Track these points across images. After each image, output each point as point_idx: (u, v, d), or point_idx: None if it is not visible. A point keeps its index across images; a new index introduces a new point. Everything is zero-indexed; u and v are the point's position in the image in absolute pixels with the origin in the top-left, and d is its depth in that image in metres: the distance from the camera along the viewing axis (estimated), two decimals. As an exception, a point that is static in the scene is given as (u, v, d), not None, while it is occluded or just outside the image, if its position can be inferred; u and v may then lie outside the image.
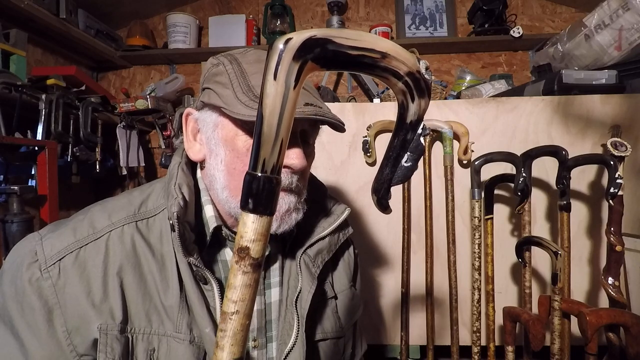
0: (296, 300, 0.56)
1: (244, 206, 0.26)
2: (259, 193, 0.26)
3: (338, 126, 0.52)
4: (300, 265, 0.58)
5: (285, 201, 0.51)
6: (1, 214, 1.14)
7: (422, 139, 0.29)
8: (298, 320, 0.55)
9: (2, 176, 1.24)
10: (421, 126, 0.31)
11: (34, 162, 1.25)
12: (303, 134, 0.53)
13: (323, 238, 0.61)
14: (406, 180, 0.33)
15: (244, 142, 0.50)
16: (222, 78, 0.50)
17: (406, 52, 0.27)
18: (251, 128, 0.49)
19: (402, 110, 0.29)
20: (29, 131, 1.32)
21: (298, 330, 0.55)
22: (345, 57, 0.25)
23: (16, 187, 1.15)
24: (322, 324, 0.61)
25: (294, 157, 0.50)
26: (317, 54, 0.24)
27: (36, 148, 1.24)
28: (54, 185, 1.26)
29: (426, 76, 0.28)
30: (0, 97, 1.19)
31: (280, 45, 0.24)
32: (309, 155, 0.56)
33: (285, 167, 0.50)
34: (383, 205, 0.38)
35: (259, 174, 0.26)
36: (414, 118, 0.30)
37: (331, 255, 0.63)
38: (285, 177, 0.50)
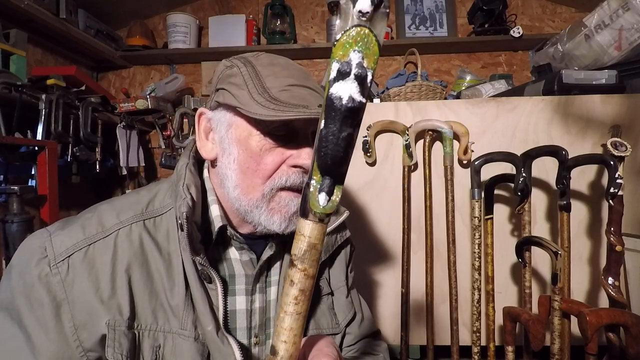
0: None
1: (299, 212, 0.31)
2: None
3: None
4: None
5: (294, 202, 0.52)
6: (1, 214, 1.14)
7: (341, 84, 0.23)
8: None
9: (2, 176, 1.24)
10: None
11: (34, 162, 1.25)
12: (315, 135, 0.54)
13: None
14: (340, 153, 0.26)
15: (258, 142, 0.51)
16: (237, 79, 0.51)
17: None
18: (265, 128, 0.51)
19: None
20: (29, 131, 1.32)
21: None
22: None
23: (16, 187, 1.15)
24: (317, 320, 0.62)
25: (305, 157, 0.51)
26: None
27: (36, 148, 1.24)
28: (54, 185, 1.26)
29: None
30: (0, 97, 1.19)
31: None
32: None
33: (297, 166, 0.51)
34: None
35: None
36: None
37: (328, 255, 0.64)
38: (296, 177, 0.51)
